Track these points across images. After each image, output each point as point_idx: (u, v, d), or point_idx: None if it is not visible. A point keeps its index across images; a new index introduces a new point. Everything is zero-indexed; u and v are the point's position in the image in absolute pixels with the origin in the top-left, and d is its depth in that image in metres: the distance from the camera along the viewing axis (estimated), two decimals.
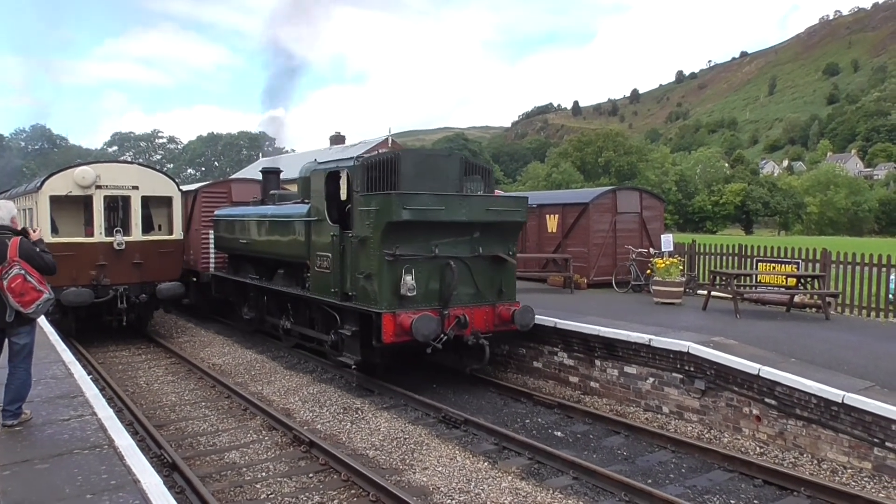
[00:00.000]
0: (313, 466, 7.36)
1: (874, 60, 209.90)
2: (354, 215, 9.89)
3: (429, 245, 9.56)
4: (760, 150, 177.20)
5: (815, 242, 22.32)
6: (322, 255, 10.70)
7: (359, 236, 9.67)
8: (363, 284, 9.66)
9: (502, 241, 10.34)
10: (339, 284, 10.23)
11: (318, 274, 10.91)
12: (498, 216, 10.11)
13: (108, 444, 5.42)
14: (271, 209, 13.32)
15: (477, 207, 9.86)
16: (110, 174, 14.00)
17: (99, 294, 13.46)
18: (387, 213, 9.16)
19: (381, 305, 9.29)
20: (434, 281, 9.69)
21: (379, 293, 9.34)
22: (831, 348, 9.14)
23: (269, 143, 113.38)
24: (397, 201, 9.13)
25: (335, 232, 10.31)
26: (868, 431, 7.00)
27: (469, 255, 9.93)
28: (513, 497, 6.47)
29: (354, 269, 9.88)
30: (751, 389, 8.13)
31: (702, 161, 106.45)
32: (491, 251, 10.15)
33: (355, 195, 9.88)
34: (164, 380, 11.50)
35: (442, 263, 9.63)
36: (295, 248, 11.74)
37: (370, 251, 9.46)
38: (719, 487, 6.86)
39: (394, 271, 9.32)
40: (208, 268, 16.54)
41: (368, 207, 9.44)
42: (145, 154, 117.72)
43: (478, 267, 10.06)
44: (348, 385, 10.79)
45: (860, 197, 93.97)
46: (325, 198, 10.71)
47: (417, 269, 9.46)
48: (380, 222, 9.24)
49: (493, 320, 10.13)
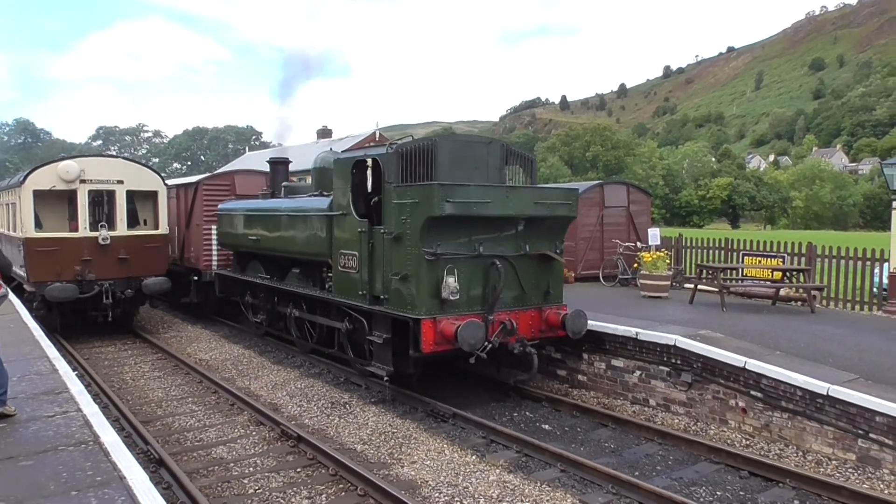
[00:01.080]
0: (301, 461, 7.34)
1: (859, 56, 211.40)
2: (387, 209, 8.95)
3: (471, 243, 8.67)
4: (747, 145, 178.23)
5: (800, 236, 22.50)
6: (347, 254, 9.76)
7: (393, 233, 8.70)
8: (397, 287, 8.69)
9: (549, 237, 9.46)
10: (368, 286, 9.27)
11: (342, 274, 9.94)
12: (547, 210, 9.19)
13: (93, 441, 5.37)
14: (285, 202, 12.30)
15: (525, 200, 8.94)
16: (95, 168, 13.87)
17: (84, 289, 13.34)
18: (427, 206, 8.19)
19: (419, 310, 8.33)
20: (477, 283, 8.77)
21: (417, 296, 8.37)
22: (816, 341, 9.22)
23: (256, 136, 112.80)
24: (440, 193, 8.12)
25: (363, 228, 9.35)
26: (852, 423, 7.07)
27: (514, 254, 9.04)
28: (501, 490, 6.48)
29: (387, 269, 8.91)
30: (737, 382, 8.18)
31: (689, 155, 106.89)
32: (538, 249, 9.27)
33: (388, 187, 8.91)
34: (151, 375, 11.42)
35: (486, 263, 8.75)
36: (314, 246, 10.81)
37: (406, 249, 8.52)
38: (706, 479, 6.91)
39: (434, 272, 8.36)
40: (210, 265, 15.51)
41: (404, 200, 8.51)
42: (130, 148, 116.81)
43: (523, 266, 9.15)
44: (336, 379, 10.76)
45: (845, 191, 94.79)
46: (351, 190, 9.75)
47: (459, 270, 8.52)
48: (419, 217, 8.29)
49: (539, 325, 9.27)
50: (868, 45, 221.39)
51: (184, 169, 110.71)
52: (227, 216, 14.44)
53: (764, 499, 6.43)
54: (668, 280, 13.41)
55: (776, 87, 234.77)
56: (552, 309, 9.37)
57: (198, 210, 15.77)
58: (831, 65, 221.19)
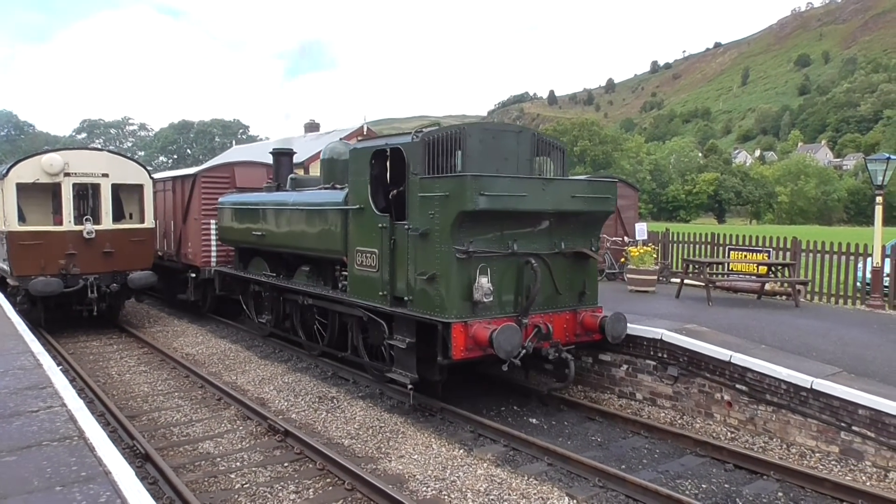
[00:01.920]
0: (288, 456, 7.33)
1: (844, 52, 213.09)
2: (411, 203, 8.26)
3: (504, 240, 8.05)
4: (733, 140, 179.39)
5: (785, 231, 22.70)
6: (365, 251, 9.06)
7: (418, 229, 8.03)
8: (423, 287, 8.03)
9: (585, 233, 8.85)
10: (389, 286, 8.59)
11: (359, 273, 9.24)
12: (586, 205, 8.57)
13: (78, 436, 5.33)
14: (293, 196, 11.45)
15: (562, 194, 8.32)
16: (79, 161, 13.73)
17: (68, 283, 13.22)
18: (459, 200, 7.53)
19: (449, 313, 7.69)
20: (509, 283, 8.16)
21: (446, 298, 7.73)
22: (801, 335, 9.30)
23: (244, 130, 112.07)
24: (473, 186, 7.47)
25: (384, 223, 8.64)
26: (836, 416, 7.15)
27: (549, 252, 8.44)
28: (488, 484, 6.50)
29: (411, 268, 8.25)
30: (722, 376, 8.24)
31: (676, 151, 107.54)
32: (573, 246, 8.68)
33: (412, 178, 8.23)
34: (137, 370, 11.35)
35: (520, 262, 8.16)
36: (327, 242, 10.10)
37: (434, 247, 7.85)
38: (691, 472, 6.96)
39: (465, 272, 7.74)
40: (209, 262, 14.84)
41: (432, 193, 7.86)
42: (115, 141, 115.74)
43: (557, 265, 8.53)
44: (323, 374, 10.74)
45: (829, 187, 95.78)
46: (370, 182, 9.00)
47: (492, 269, 7.88)
48: (449, 212, 7.64)
49: (574, 329, 8.69)
50: (853, 41, 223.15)
51: (170, 162, 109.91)
52: (228, 210, 13.68)
53: (748, 491, 6.49)
54: (654, 275, 13.49)
55: (762, 82, 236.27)
56: (588, 311, 8.82)
57: (195, 203, 15.08)
58: (816, 61, 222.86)
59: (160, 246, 16.62)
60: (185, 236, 15.48)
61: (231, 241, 13.88)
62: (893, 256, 12.14)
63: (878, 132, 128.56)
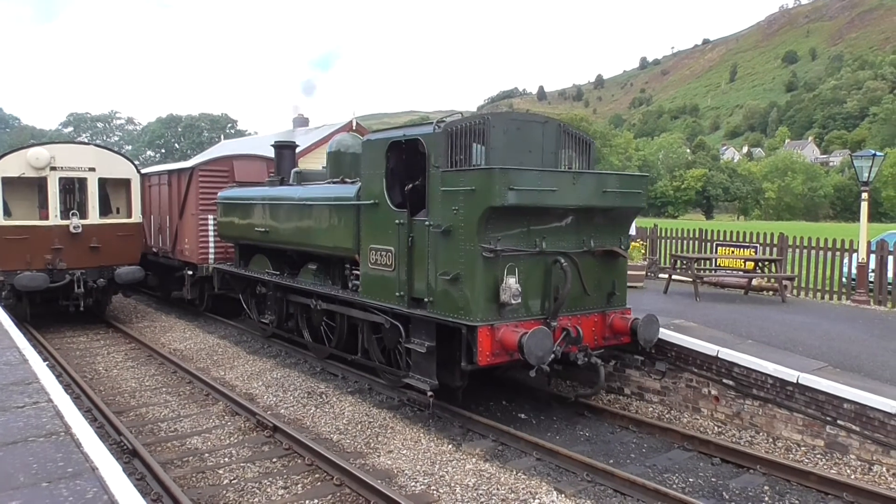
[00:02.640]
0: (277, 451, 7.31)
1: (831, 49, 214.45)
2: (432, 198, 7.76)
3: (531, 237, 7.57)
4: (721, 137, 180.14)
5: (772, 227, 22.86)
6: (380, 249, 8.53)
7: (440, 226, 7.53)
8: (445, 288, 7.54)
9: (614, 230, 8.37)
10: (407, 287, 8.12)
11: (373, 272, 8.73)
12: (617, 200, 8.11)
13: (64, 432, 5.30)
14: (300, 190, 10.93)
15: (593, 188, 7.88)
16: (65, 155, 13.62)
17: (55, 278, 13.14)
18: (486, 195, 7.04)
19: (474, 316, 7.23)
20: (536, 284, 7.67)
21: (471, 300, 7.26)
22: (787, 330, 9.38)
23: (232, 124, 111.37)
24: (501, 180, 7.00)
25: (401, 219, 8.13)
26: (821, 410, 7.21)
27: (577, 250, 7.96)
28: (477, 479, 6.52)
29: (432, 267, 7.76)
30: (710, 370, 8.30)
31: (664, 147, 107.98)
32: (602, 244, 8.21)
33: (433, 172, 7.74)
34: (124, 365, 11.29)
35: (548, 261, 7.70)
36: (337, 239, 9.59)
37: (458, 245, 7.37)
38: (679, 466, 7.01)
39: (492, 272, 7.26)
40: (207, 259, 14.32)
41: (456, 188, 7.37)
42: (102, 135, 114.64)
43: (586, 264, 8.04)
44: (312, 369, 10.72)
45: (816, 183, 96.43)
46: (385, 175, 8.50)
47: (519, 269, 7.39)
48: (476, 207, 7.15)
49: (602, 332, 8.28)
50: (839, 38, 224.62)
51: (157, 157, 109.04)
52: (228, 205, 13.07)
53: (735, 485, 6.54)
54: (643, 270, 13.55)
55: (750, 79, 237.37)
56: (617, 313, 8.40)
57: (192, 198, 14.50)
58: (804, 58, 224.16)
59: (154, 242, 16.33)
60: (181, 232, 14.98)
61: (231, 237, 13.34)
62: (878, 252, 12.25)
63: (864, 129, 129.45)
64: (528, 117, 8.96)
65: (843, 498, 6.17)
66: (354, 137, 10.92)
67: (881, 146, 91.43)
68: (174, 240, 15.32)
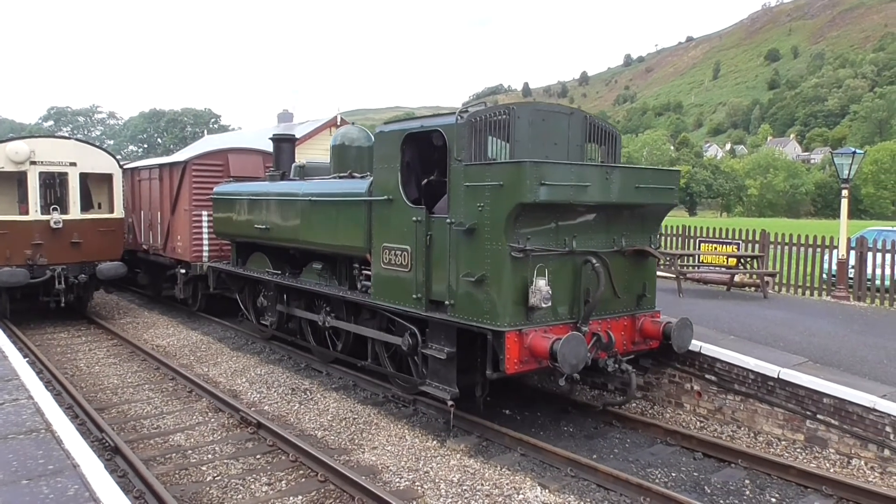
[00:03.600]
0: (261, 448, 7.29)
1: (813, 47, 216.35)
2: (454, 194, 7.21)
3: (560, 236, 7.09)
4: (704, 134, 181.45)
5: (754, 224, 23.07)
6: (394, 248, 7.97)
7: (464, 224, 6.99)
8: (469, 290, 7.03)
9: (644, 229, 7.92)
10: (425, 289, 7.57)
11: (386, 273, 8.16)
12: (650, 196, 7.64)
13: (45, 429, 5.26)
14: (304, 185, 10.29)
15: (626, 184, 7.36)
16: (46, 150, 13.47)
17: (35, 274, 13.00)
18: (516, 190, 6.55)
19: (501, 320, 6.72)
20: (565, 285, 7.16)
21: (498, 303, 6.74)
22: (768, 326, 9.48)
23: (215, 119, 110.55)
24: (533, 174, 6.50)
25: (419, 216, 7.59)
26: (801, 405, 7.30)
27: (607, 249, 7.47)
28: (461, 474, 6.53)
29: (453, 268, 7.23)
30: (692, 366, 8.37)
31: (648, 144, 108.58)
32: (633, 243, 7.76)
33: (455, 165, 7.17)
34: (106, 362, 11.19)
35: (578, 261, 7.21)
36: (346, 238, 9.04)
37: (483, 244, 6.86)
38: (661, 461, 7.06)
39: (520, 273, 6.77)
40: (201, 257, 13.77)
41: (481, 183, 6.86)
42: (84, 130, 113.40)
43: (616, 264, 7.54)
44: (297, 366, 10.69)
45: (798, 180, 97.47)
46: (401, 170, 7.94)
47: (549, 270, 6.91)
48: (504, 204, 6.64)
49: (632, 336, 7.82)
50: (821, 37, 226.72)
51: (140, 152, 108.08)
52: (225, 200, 12.40)
53: (717, 479, 6.61)
54: None
55: (733, 76, 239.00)
56: (647, 316, 7.95)
57: (185, 193, 13.93)
58: (786, 56, 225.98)
59: (145, 238, 15.90)
60: (173, 229, 14.45)
61: (228, 234, 12.65)
62: (858, 249, 12.40)
63: (845, 127, 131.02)
64: (553, 108, 8.41)
65: (822, 491, 6.26)
66: (360, 130, 10.58)
67: (861, 144, 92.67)
68: (166, 237, 14.83)
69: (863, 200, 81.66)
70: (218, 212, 12.70)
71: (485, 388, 7.59)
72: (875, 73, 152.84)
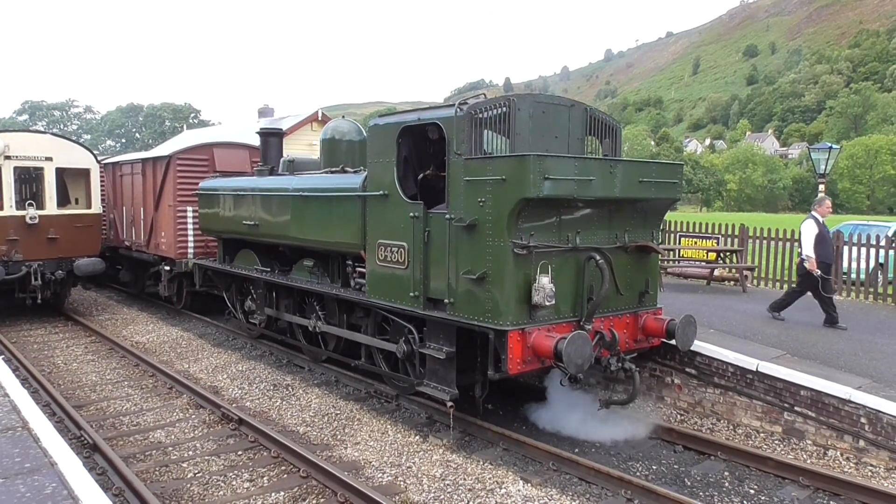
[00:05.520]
0: (242, 444, 7.25)
1: (790, 43, 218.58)
2: (453, 189, 7.00)
3: (563, 232, 6.92)
4: (684, 129, 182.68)
5: (734, 218, 23.31)
6: (390, 245, 7.75)
7: (464, 219, 6.79)
8: (468, 288, 6.84)
9: (646, 224, 7.80)
10: (422, 286, 7.38)
11: (381, 270, 7.93)
12: (653, 191, 7.48)
13: (21, 427, 5.19)
14: (294, 180, 10.04)
15: (630, 178, 7.21)
16: (20, 144, 13.27)
17: (10, 270, 12.81)
18: (519, 185, 6.35)
19: (504, 319, 6.54)
20: (567, 283, 6.99)
21: (500, 301, 6.57)
22: (747, 319, 9.59)
23: (195, 114, 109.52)
24: (537, 168, 6.30)
25: (416, 212, 7.37)
26: (779, 397, 7.40)
27: (610, 245, 7.33)
28: (444, 469, 6.54)
29: (453, 265, 7.03)
30: (672, 360, 8.44)
31: (629, 139, 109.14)
32: (636, 239, 7.61)
33: (455, 159, 6.97)
34: (84, 359, 11.07)
35: (581, 258, 7.04)
36: (339, 234, 8.81)
37: (484, 241, 6.66)
38: (642, 454, 7.13)
39: (523, 270, 6.59)
40: (186, 254, 13.45)
41: (482, 177, 6.66)
42: (60, 124, 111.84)
43: (619, 261, 7.37)
44: (278, 362, 10.63)
45: (776, 175, 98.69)
46: (397, 164, 7.71)
47: (552, 267, 6.72)
48: (506, 199, 6.45)
49: (634, 334, 7.70)
50: (798, 33, 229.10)
51: (118, 147, 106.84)
52: (211, 196, 12.09)
53: (696, 471, 6.68)
54: None
55: (712, 72, 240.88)
56: (650, 313, 7.82)
57: (170, 188, 13.61)
58: (764, 51, 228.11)
59: (127, 235, 15.60)
60: (157, 225, 14.15)
61: (214, 230, 12.35)
62: (834, 243, 12.55)
63: (822, 122, 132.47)
64: (553, 100, 8.17)
65: (799, 482, 6.35)
66: (351, 123, 10.43)
67: (837, 139, 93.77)
68: (149, 233, 14.48)
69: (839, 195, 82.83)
70: (204, 207, 12.43)
71: (485, 389, 7.42)
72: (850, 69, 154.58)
